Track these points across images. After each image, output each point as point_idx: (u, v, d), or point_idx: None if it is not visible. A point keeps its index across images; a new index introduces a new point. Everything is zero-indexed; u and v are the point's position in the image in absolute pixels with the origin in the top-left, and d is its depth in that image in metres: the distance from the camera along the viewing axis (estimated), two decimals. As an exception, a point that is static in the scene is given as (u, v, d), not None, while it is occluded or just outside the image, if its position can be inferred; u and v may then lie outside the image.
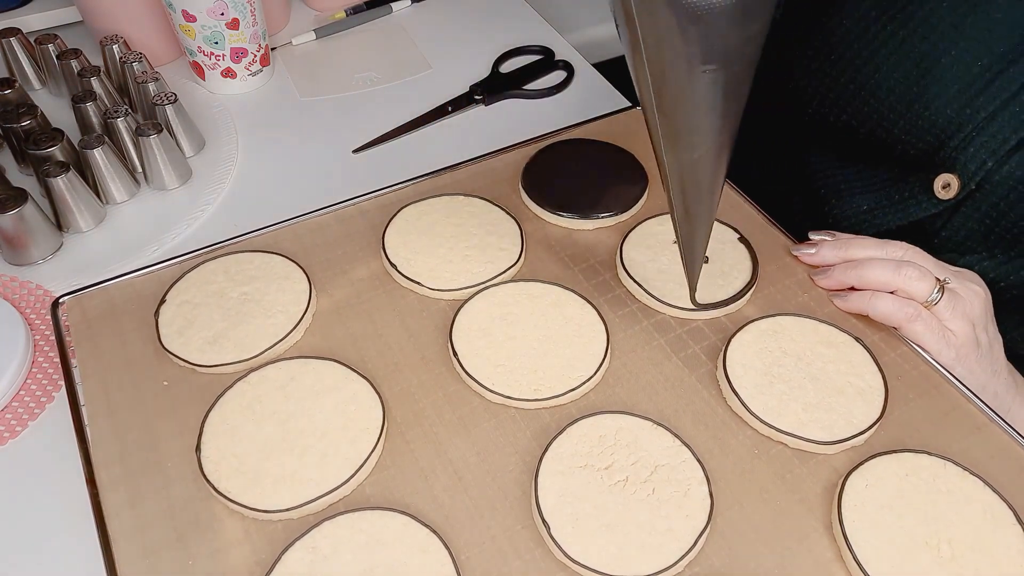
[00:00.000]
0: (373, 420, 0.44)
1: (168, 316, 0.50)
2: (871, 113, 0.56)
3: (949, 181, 0.52)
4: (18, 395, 0.51)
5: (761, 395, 0.45)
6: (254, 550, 0.40)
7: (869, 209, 0.58)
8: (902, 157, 0.56)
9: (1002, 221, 0.51)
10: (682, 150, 0.40)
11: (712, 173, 0.41)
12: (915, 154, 0.55)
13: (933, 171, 0.54)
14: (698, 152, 0.40)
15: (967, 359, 0.48)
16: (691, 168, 0.41)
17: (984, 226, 0.53)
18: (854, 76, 0.57)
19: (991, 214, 0.52)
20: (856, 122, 0.58)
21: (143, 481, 0.43)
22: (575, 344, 0.48)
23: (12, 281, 0.57)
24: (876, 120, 0.56)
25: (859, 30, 0.56)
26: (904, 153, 0.55)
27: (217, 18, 0.71)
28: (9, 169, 0.66)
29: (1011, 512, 0.40)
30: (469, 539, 0.40)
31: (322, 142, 0.72)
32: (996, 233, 0.52)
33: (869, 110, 0.56)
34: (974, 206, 0.53)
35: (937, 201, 0.54)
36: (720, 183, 0.42)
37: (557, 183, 0.59)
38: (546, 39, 0.84)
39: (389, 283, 0.53)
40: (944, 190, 0.53)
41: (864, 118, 0.57)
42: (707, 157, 0.40)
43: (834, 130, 0.60)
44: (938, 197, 0.54)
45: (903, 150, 0.55)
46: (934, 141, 0.53)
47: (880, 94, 0.55)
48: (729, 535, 0.41)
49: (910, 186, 0.56)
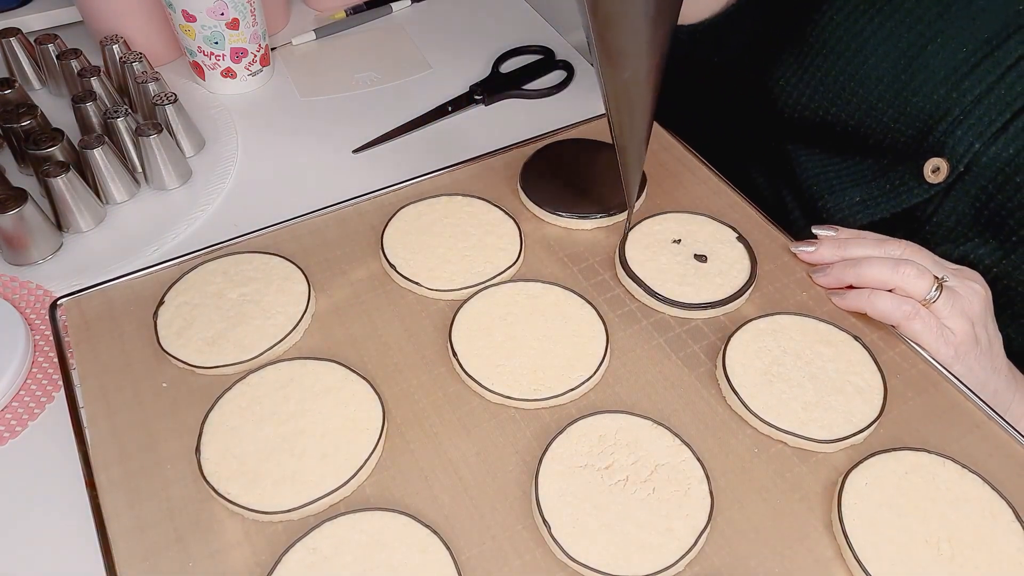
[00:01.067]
0: (373, 420, 0.44)
1: (167, 317, 0.50)
2: (860, 104, 0.57)
3: (939, 165, 0.53)
4: (18, 395, 0.51)
5: (761, 394, 0.45)
6: (254, 551, 0.40)
7: (861, 200, 0.59)
8: (892, 147, 0.57)
9: (991, 203, 0.52)
10: (617, 70, 0.45)
11: (643, 91, 0.47)
12: (905, 142, 0.56)
13: (922, 157, 0.55)
14: (628, 72, 0.45)
15: (966, 357, 0.48)
16: (624, 87, 0.47)
17: (975, 209, 0.53)
18: (843, 69, 0.58)
19: (980, 196, 0.53)
20: (845, 115, 0.59)
21: (143, 482, 0.43)
22: (574, 344, 0.48)
23: (12, 281, 0.57)
24: (865, 111, 0.57)
25: (847, 24, 0.57)
26: (894, 142, 0.56)
27: (217, 18, 0.71)
28: (9, 169, 0.67)
29: (1010, 509, 0.40)
30: (469, 539, 0.40)
31: (322, 142, 0.72)
32: (986, 216, 0.53)
33: (858, 101, 0.57)
34: (963, 189, 0.53)
35: (928, 186, 0.55)
36: (651, 102, 0.48)
37: (556, 183, 0.59)
38: (546, 39, 0.84)
39: (388, 284, 0.53)
40: (934, 174, 0.54)
41: (853, 110, 0.58)
42: (637, 76, 0.46)
43: (823, 125, 0.61)
44: (928, 182, 0.54)
45: (892, 139, 0.56)
46: (923, 127, 0.54)
47: (869, 85, 0.57)
48: (729, 534, 0.41)
49: (900, 174, 0.56)
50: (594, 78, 0.80)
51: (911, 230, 0.57)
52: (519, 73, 0.79)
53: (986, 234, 0.54)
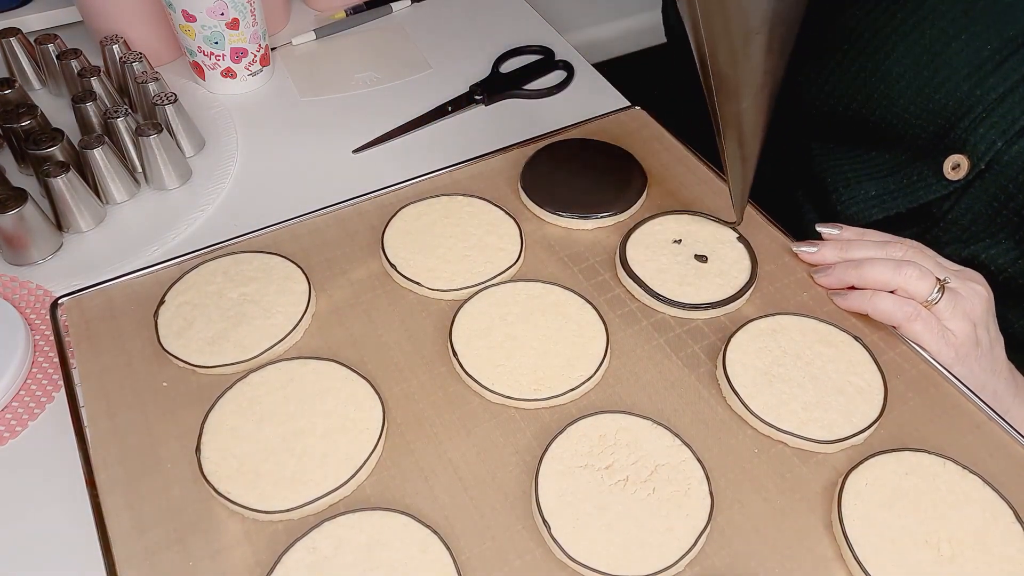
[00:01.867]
0: (373, 420, 0.44)
1: (167, 317, 0.50)
2: (881, 100, 0.57)
3: (959, 162, 0.53)
4: (18, 395, 0.51)
5: (761, 394, 0.45)
6: (254, 551, 0.40)
7: (877, 194, 0.59)
8: (911, 142, 0.56)
9: (1010, 203, 0.52)
10: (733, 101, 0.46)
11: (758, 118, 0.47)
12: (925, 137, 0.55)
13: (943, 153, 0.54)
14: (746, 102, 0.46)
15: (967, 358, 0.48)
16: (736, 116, 0.47)
17: (992, 208, 0.53)
18: (865, 64, 0.58)
19: (999, 196, 0.52)
20: (866, 110, 0.58)
21: (143, 482, 0.43)
22: (575, 344, 0.48)
23: (12, 281, 0.57)
24: (886, 106, 0.57)
25: (870, 20, 0.57)
26: (914, 138, 0.56)
27: (217, 18, 0.71)
28: (9, 169, 0.67)
29: (1010, 510, 0.40)
30: (469, 539, 0.40)
31: (322, 142, 0.72)
32: (1003, 216, 0.53)
33: (879, 96, 0.57)
34: (983, 187, 0.53)
35: (947, 183, 0.54)
36: (765, 125, 0.48)
37: (556, 183, 0.59)
38: (546, 39, 0.84)
39: (389, 283, 0.53)
40: (954, 171, 0.54)
41: (875, 105, 0.58)
42: (754, 105, 0.46)
43: (842, 119, 0.60)
44: (947, 178, 0.54)
45: (912, 135, 0.56)
46: (944, 123, 0.54)
47: (891, 80, 0.56)
48: (729, 534, 0.41)
49: (918, 169, 0.56)
50: (594, 78, 0.80)
51: (924, 227, 0.57)
52: (519, 73, 0.79)
53: (1001, 234, 0.53)
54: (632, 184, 0.59)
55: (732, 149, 0.49)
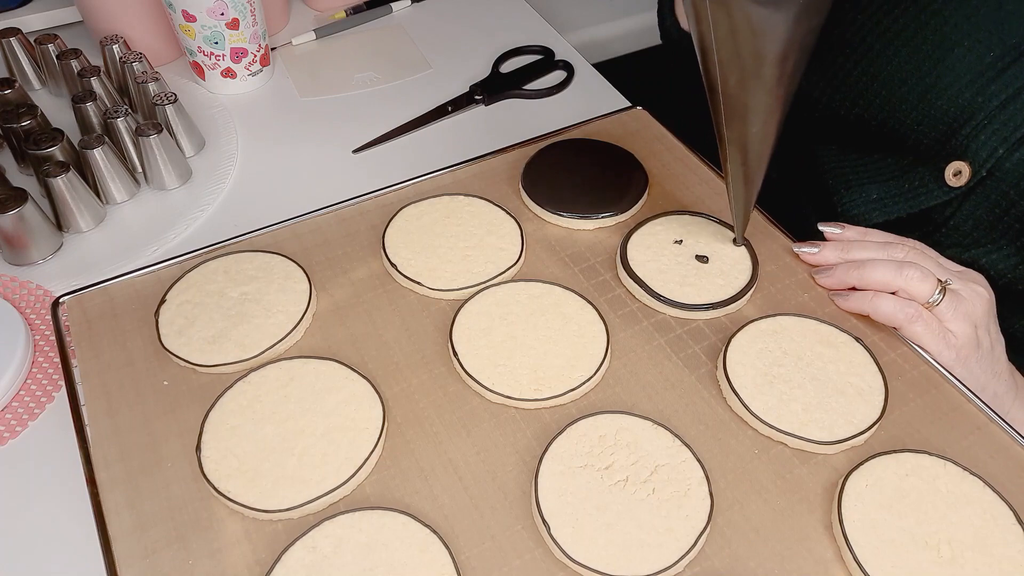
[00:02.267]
0: (373, 420, 0.44)
1: (168, 316, 0.50)
2: (883, 104, 0.57)
3: (960, 168, 0.53)
4: (18, 395, 0.51)
5: (761, 395, 0.45)
6: (254, 550, 0.40)
7: (879, 198, 0.59)
8: (913, 147, 0.56)
9: (1012, 210, 0.52)
10: (742, 125, 0.46)
11: (765, 142, 0.47)
12: (927, 143, 0.55)
13: (944, 159, 0.54)
14: (755, 127, 0.46)
15: (967, 360, 0.48)
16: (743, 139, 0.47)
17: (993, 215, 0.53)
18: (867, 69, 0.58)
19: (1001, 203, 0.52)
20: (868, 114, 0.58)
21: (143, 481, 0.43)
22: (575, 344, 0.48)
23: (12, 281, 0.57)
24: (888, 111, 0.57)
25: (872, 24, 0.57)
26: (916, 143, 0.56)
27: (217, 18, 0.71)
28: (9, 169, 0.67)
29: (1011, 512, 0.40)
30: (469, 539, 0.40)
31: (322, 142, 0.72)
32: (1005, 223, 0.53)
33: (881, 101, 0.57)
34: (984, 194, 0.53)
35: (948, 189, 0.54)
36: (772, 147, 0.48)
37: (557, 183, 0.59)
38: (546, 39, 0.84)
39: (389, 283, 0.53)
40: (955, 177, 0.54)
41: (876, 110, 0.58)
42: (763, 130, 0.46)
43: (844, 123, 0.61)
44: (949, 185, 0.54)
45: (915, 140, 0.56)
46: (946, 129, 0.54)
47: (893, 85, 0.56)
48: (729, 535, 0.41)
49: (920, 174, 0.56)
50: (594, 78, 0.80)
51: (926, 232, 0.57)
52: (519, 73, 0.79)
53: (1002, 240, 0.53)
54: (633, 184, 0.59)
55: (736, 171, 0.49)
